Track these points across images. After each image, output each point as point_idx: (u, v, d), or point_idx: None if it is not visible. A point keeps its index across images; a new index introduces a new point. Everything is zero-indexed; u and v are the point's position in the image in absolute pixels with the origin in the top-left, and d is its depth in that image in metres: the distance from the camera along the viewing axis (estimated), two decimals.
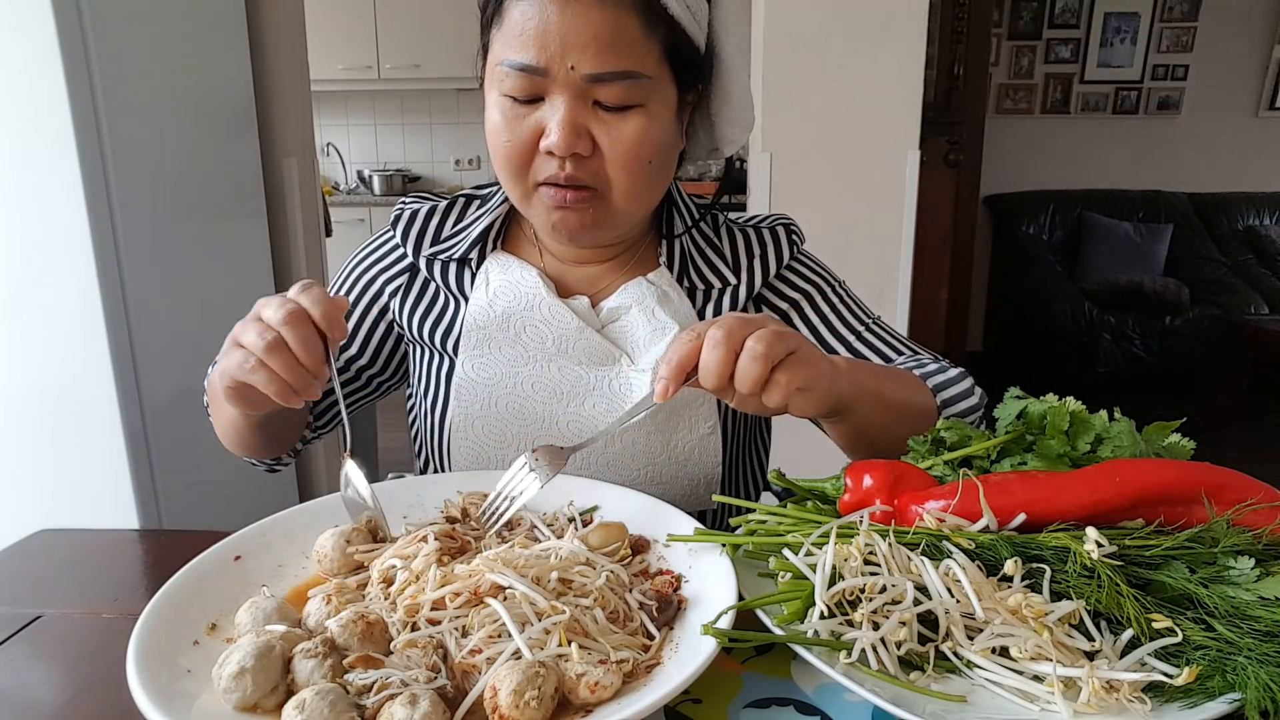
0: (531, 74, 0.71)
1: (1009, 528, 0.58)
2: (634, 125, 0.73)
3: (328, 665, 0.48)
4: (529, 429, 0.82)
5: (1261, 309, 4.07)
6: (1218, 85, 4.65)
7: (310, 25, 2.28)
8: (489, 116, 0.76)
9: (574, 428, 0.81)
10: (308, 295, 0.64)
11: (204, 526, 0.71)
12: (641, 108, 0.73)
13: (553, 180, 0.74)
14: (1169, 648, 0.50)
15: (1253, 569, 0.52)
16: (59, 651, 0.60)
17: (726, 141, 0.84)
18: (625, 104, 0.73)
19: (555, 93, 0.72)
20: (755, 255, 0.88)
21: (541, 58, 0.70)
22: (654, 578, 0.60)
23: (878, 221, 2.31)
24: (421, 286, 0.89)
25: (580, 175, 0.74)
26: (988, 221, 4.70)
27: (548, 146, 0.72)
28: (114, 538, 0.73)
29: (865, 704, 0.51)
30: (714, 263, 0.88)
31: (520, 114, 0.73)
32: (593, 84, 0.71)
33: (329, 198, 4.26)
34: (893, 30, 2.20)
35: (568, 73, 0.70)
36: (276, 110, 2.15)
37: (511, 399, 0.82)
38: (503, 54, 0.72)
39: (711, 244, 0.89)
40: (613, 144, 0.73)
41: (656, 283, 0.84)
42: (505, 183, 0.78)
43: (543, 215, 0.77)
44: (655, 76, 0.73)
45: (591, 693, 0.46)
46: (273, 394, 0.62)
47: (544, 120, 0.73)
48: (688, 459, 0.83)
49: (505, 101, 0.74)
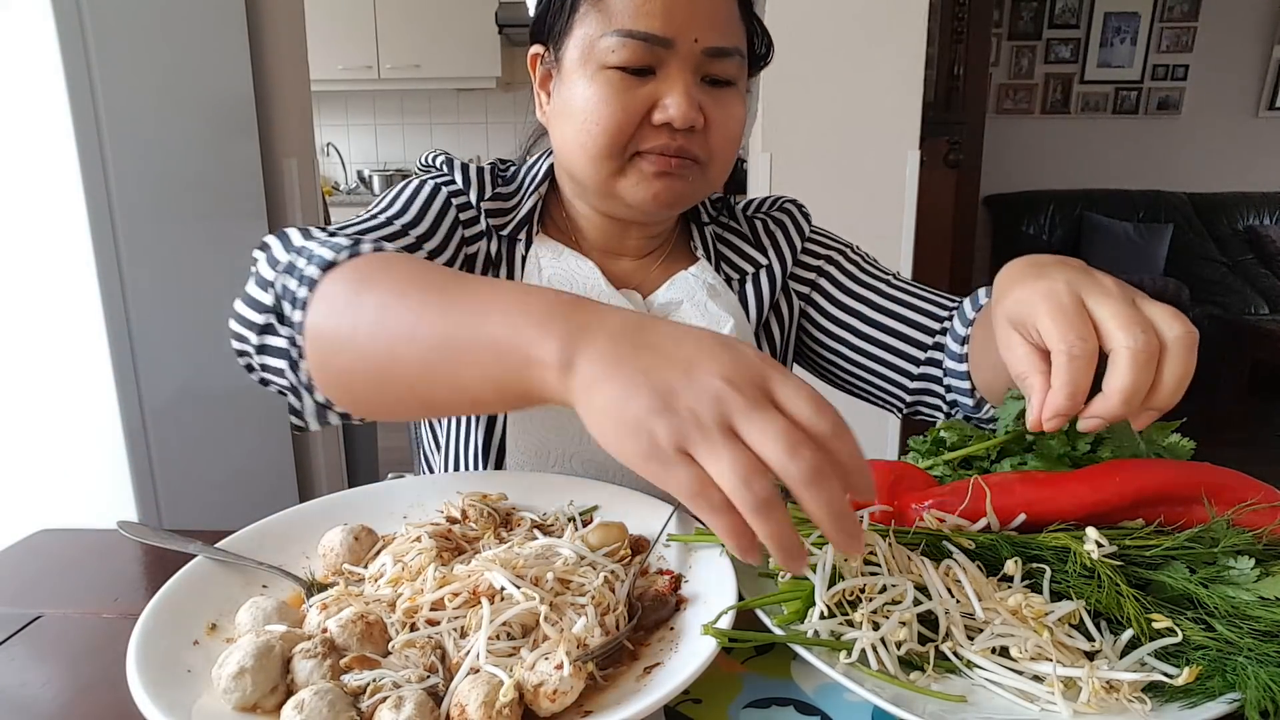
0: (653, 44, 0.71)
1: (1009, 528, 0.58)
2: (734, 101, 0.76)
3: (327, 665, 0.48)
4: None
5: (1261, 309, 4.07)
6: (1218, 85, 4.65)
7: (310, 25, 2.28)
8: (581, 93, 0.74)
9: None
10: (841, 440, 0.42)
11: (204, 526, 0.70)
12: (735, 86, 0.76)
13: (660, 150, 0.74)
14: (1169, 648, 0.50)
15: (1253, 569, 0.52)
16: (59, 651, 0.60)
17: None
18: (727, 80, 0.75)
19: (672, 65, 0.72)
20: (777, 235, 0.90)
21: (669, 28, 0.71)
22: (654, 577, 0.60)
23: (878, 221, 2.31)
24: (485, 257, 0.84)
25: (691, 146, 0.74)
26: (988, 221, 4.71)
27: (666, 119, 0.72)
28: (114, 538, 0.73)
29: (865, 704, 0.51)
30: (741, 248, 0.90)
31: (629, 86, 0.73)
32: (708, 58, 0.73)
33: (329, 198, 4.26)
34: (893, 30, 2.20)
35: (690, 45, 0.72)
36: (276, 110, 2.15)
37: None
38: (613, 25, 0.72)
39: (732, 230, 0.91)
40: (722, 119, 0.75)
41: (701, 276, 0.85)
42: (595, 158, 0.75)
43: (638, 186, 0.76)
44: (745, 58, 0.77)
45: (552, 701, 0.45)
46: (731, 543, 0.42)
47: (656, 93, 0.73)
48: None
49: (613, 74, 0.73)
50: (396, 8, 4.32)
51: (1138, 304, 0.49)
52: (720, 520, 0.41)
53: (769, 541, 0.41)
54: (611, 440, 0.44)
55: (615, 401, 0.43)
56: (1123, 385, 0.47)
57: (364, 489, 0.74)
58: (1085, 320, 0.48)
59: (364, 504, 0.71)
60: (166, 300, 1.75)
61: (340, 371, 0.57)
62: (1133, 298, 0.49)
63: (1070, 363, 0.48)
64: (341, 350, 0.56)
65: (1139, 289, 0.50)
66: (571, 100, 0.75)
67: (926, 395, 0.86)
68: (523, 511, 0.69)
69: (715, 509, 0.41)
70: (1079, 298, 0.49)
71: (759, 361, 0.44)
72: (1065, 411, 0.48)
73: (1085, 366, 0.48)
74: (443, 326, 0.51)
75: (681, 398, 0.42)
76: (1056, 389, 0.48)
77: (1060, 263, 0.54)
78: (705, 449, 0.41)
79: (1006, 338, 0.53)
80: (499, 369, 0.48)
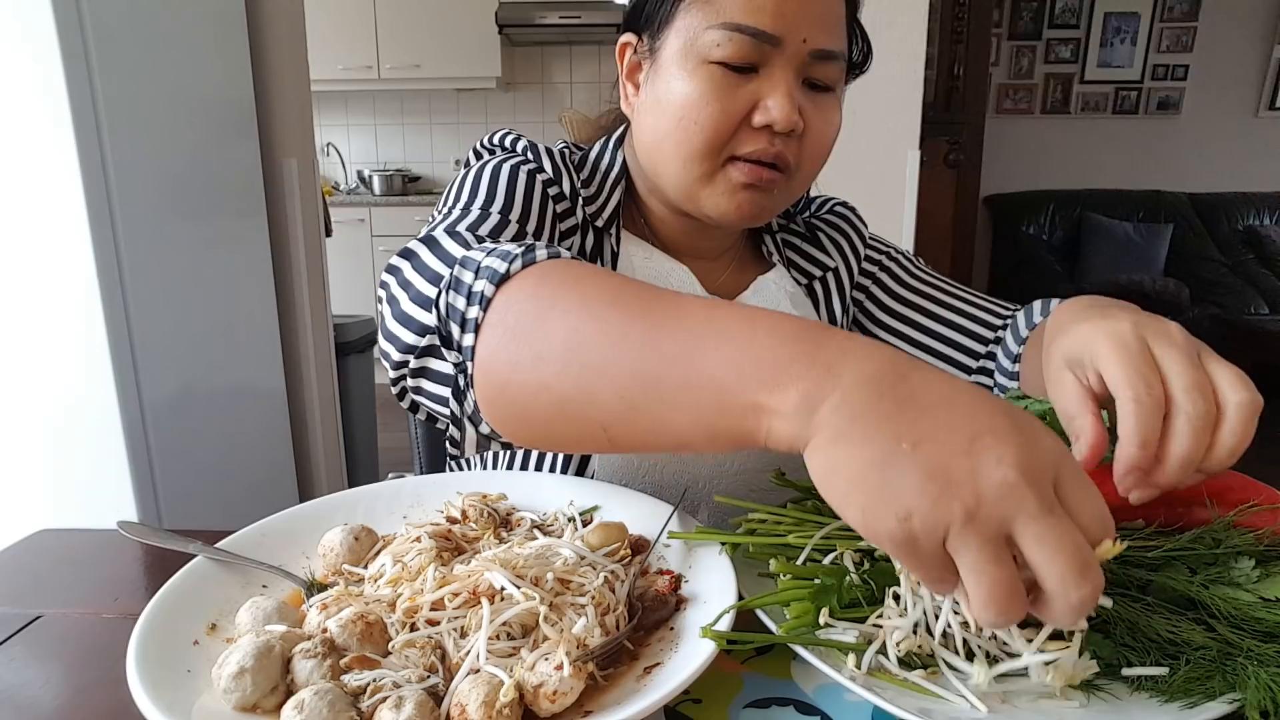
0: (762, 41, 0.68)
1: None
2: (834, 109, 0.73)
3: (327, 665, 0.48)
4: None
5: (1261, 309, 4.08)
6: (1218, 85, 4.65)
7: (310, 25, 2.28)
8: (679, 87, 0.70)
9: None
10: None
11: (204, 526, 0.70)
12: (834, 92, 0.73)
13: (757, 156, 0.70)
14: (1169, 649, 0.50)
15: (1253, 569, 0.52)
16: (59, 651, 0.60)
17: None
18: (829, 85, 0.72)
19: (777, 65, 0.69)
20: (839, 239, 0.90)
21: (779, 26, 0.68)
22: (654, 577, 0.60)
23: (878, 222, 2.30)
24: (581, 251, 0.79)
25: (788, 152, 0.71)
26: (988, 221, 4.71)
27: (768, 120, 0.69)
28: (114, 538, 0.73)
29: (865, 704, 0.51)
30: (806, 250, 0.89)
31: (734, 83, 0.69)
32: (815, 60, 0.70)
33: (329, 198, 4.26)
34: (893, 30, 2.20)
35: (799, 45, 0.68)
36: (276, 110, 2.15)
37: None
38: (720, 18, 0.68)
39: (794, 233, 0.90)
40: (820, 126, 0.72)
41: (780, 283, 0.84)
42: (689, 158, 0.72)
43: (724, 195, 0.73)
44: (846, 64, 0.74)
45: (552, 702, 0.45)
46: (987, 614, 0.35)
47: (758, 93, 0.69)
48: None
49: (715, 70, 0.69)
50: (396, 8, 4.32)
51: (1203, 361, 0.46)
52: (977, 617, 0.36)
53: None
54: (856, 513, 0.37)
55: (871, 468, 0.36)
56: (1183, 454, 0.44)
57: (364, 489, 0.73)
58: (1153, 366, 0.45)
59: (364, 504, 0.70)
60: (166, 300, 1.75)
61: (518, 405, 0.51)
62: (1198, 351, 0.47)
63: (1139, 409, 0.44)
64: (523, 384, 0.49)
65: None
66: (667, 95, 0.72)
67: None
68: (523, 511, 0.69)
69: (950, 592, 0.37)
70: (1145, 342, 0.46)
71: (1056, 449, 0.37)
72: (1140, 464, 0.44)
73: (1154, 413, 0.44)
74: (650, 361, 0.44)
75: (960, 486, 0.35)
76: (1126, 440, 0.44)
77: (1124, 305, 0.52)
78: (971, 556, 0.35)
79: (1059, 375, 0.50)
80: (716, 413, 0.42)
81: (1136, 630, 0.50)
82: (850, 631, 0.51)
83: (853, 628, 0.52)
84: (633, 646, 0.53)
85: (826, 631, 0.52)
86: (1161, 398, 0.44)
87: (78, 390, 1.64)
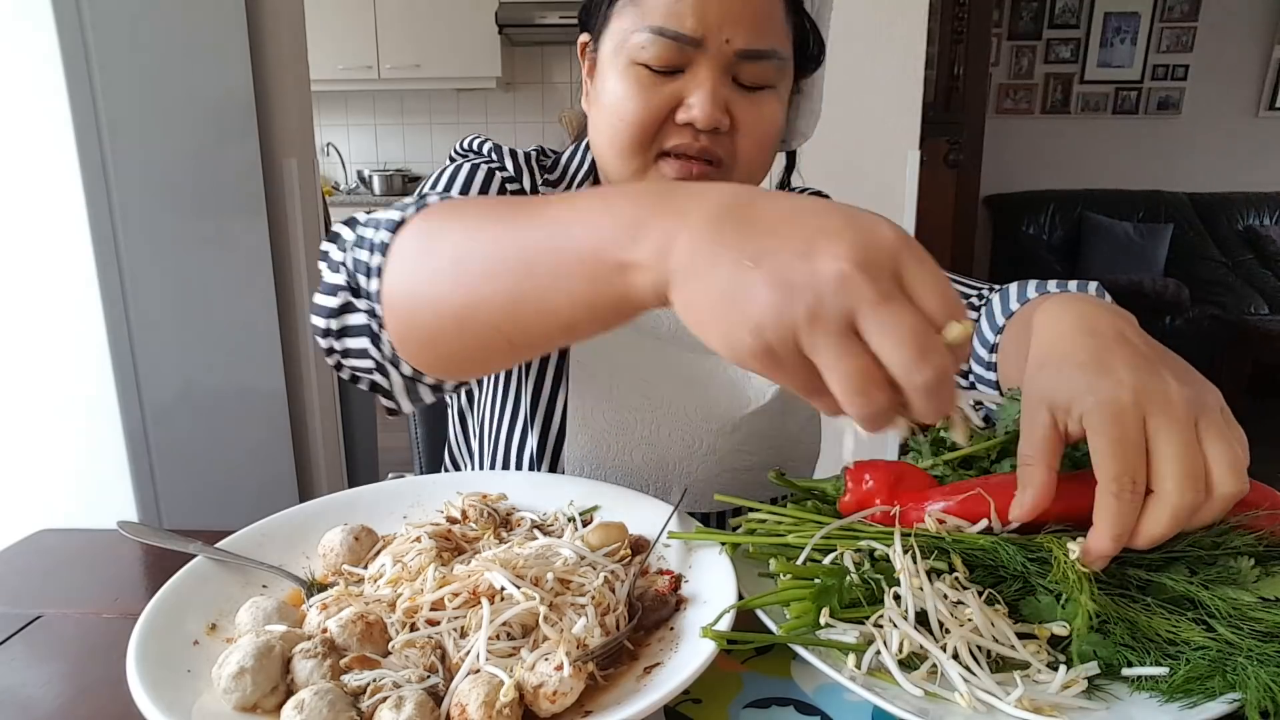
0: (682, 43, 0.70)
1: (1010, 529, 0.58)
2: (768, 106, 0.74)
3: (327, 665, 0.48)
4: (655, 415, 0.78)
5: (1261, 309, 4.07)
6: (1218, 85, 4.65)
7: (310, 25, 2.28)
8: (611, 87, 0.74)
9: (702, 414, 0.79)
10: (967, 343, 0.39)
11: (204, 526, 0.70)
12: (773, 90, 0.74)
13: (682, 151, 0.72)
14: (1168, 649, 0.50)
15: (1253, 569, 0.52)
16: (59, 651, 0.60)
17: (797, 134, 0.86)
18: (761, 84, 0.73)
19: (701, 65, 0.71)
20: None
21: (699, 28, 0.69)
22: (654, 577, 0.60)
23: None
24: None
25: (714, 149, 0.73)
26: (988, 221, 4.71)
27: (689, 119, 0.71)
28: (114, 538, 0.73)
29: (865, 704, 0.51)
30: None
31: (656, 83, 0.72)
32: (741, 60, 0.71)
33: (329, 198, 4.26)
34: (893, 30, 2.20)
35: (721, 46, 0.70)
36: (276, 110, 2.15)
37: (634, 384, 0.79)
38: (645, 21, 0.71)
39: None
40: (751, 122, 0.73)
41: None
42: (621, 154, 0.75)
43: None
44: (788, 60, 0.74)
45: (552, 702, 0.46)
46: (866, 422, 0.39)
47: (682, 92, 0.71)
48: (799, 440, 0.83)
49: (640, 70, 0.72)
50: (396, 8, 4.32)
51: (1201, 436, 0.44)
52: (845, 410, 0.38)
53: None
54: (718, 339, 0.38)
55: (721, 294, 0.38)
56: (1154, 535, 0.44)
57: (364, 489, 0.73)
58: (1142, 455, 0.44)
59: (364, 504, 0.71)
60: (166, 300, 1.75)
61: (422, 329, 0.53)
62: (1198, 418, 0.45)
63: (1119, 506, 0.43)
64: (421, 305, 0.52)
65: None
66: (604, 93, 0.75)
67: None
68: (523, 511, 0.69)
69: (835, 408, 0.38)
70: (1143, 419, 0.44)
71: (893, 237, 0.38)
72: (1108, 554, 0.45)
73: (1134, 511, 0.44)
74: (522, 253, 0.46)
75: (800, 289, 0.36)
76: (1101, 530, 0.44)
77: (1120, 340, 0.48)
78: (823, 354, 0.36)
79: (1035, 411, 0.48)
80: (589, 284, 0.43)
81: (1136, 630, 0.50)
82: (850, 631, 0.51)
83: (853, 628, 0.52)
84: (633, 646, 0.53)
85: (826, 631, 0.52)
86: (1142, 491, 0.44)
87: (78, 390, 1.64)
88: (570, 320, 0.46)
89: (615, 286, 0.42)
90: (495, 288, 0.48)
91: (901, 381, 0.37)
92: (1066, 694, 0.48)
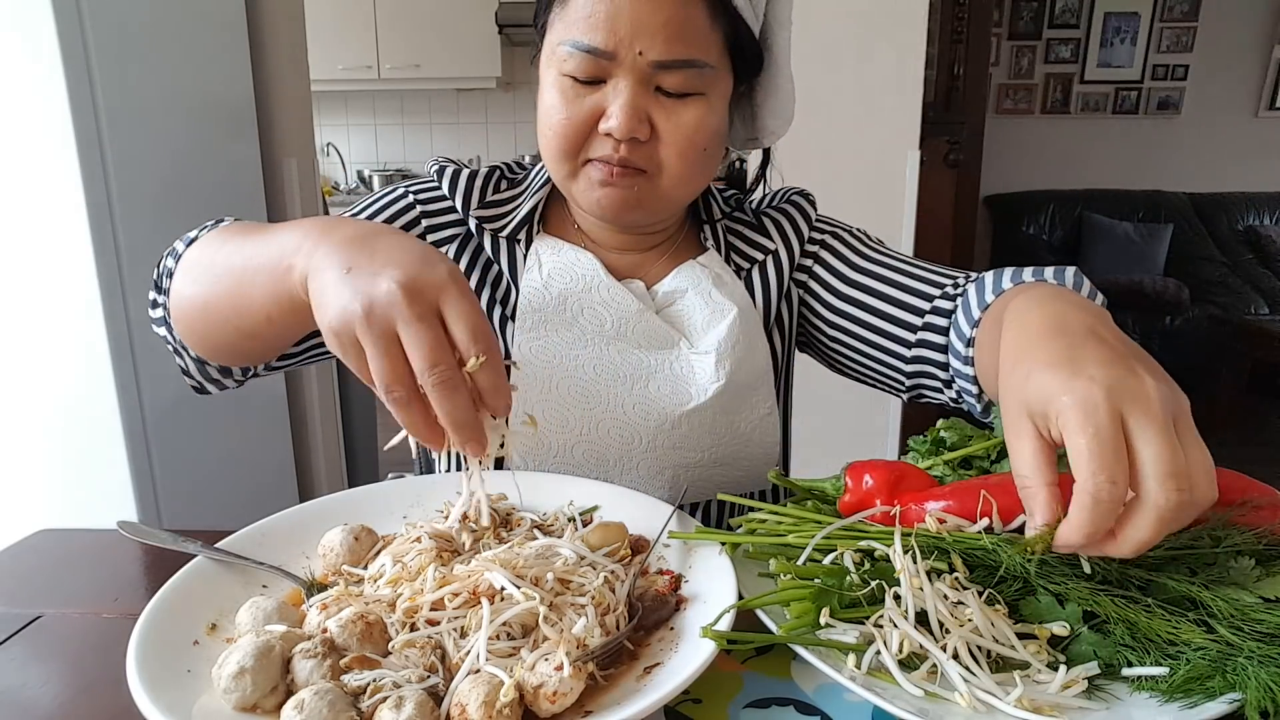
0: (597, 57, 0.71)
1: (1010, 528, 0.58)
2: (693, 113, 0.74)
3: (327, 665, 0.48)
4: (593, 413, 0.80)
5: (1261, 309, 4.07)
6: (1218, 85, 4.65)
7: (310, 25, 2.28)
8: (544, 94, 0.76)
9: (640, 411, 0.80)
10: (486, 370, 0.51)
11: (204, 526, 0.70)
12: (701, 96, 0.75)
13: (604, 159, 0.75)
14: (1168, 649, 0.50)
15: (1253, 568, 0.52)
16: (59, 651, 0.60)
17: (768, 132, 0.86)
18: (686, 92, 0.74)
19: (619, 76, 0.72)
20: (783, 223, 0.90)
21: (610, 41, 0.71)
22: (654, 577, 0.60)
23: (878, 221, 2.30)
24: (473, 255, 0.86)
25: (634, 159, 0.74)
26: (988, 221, 4.71)
27: (607, 129, 0.73)
28: (114, 538, 0.73)
29: (865, 704, 0.51)
30: (750, 238, 0.90)
31: (580, 94, 0.74)
32: (658, 71, 0.72)
33: (329, 198, 4.26)
34: (893, 30, 2.20)
35: (635, 58, 0.71)
36: (276, 110, 2.15)
37: (573, 382, 0.81)
38: (567, 34, 0.72)
39: (743, 223, 0.91)
40: (671, 131, 0.74)
41: (709, 265, 0.86)
42: (552, 160, 0.78)
43: (587, 192, 0.77)
44: (717, 66, 0.74)
45: (552, 703, 0.46)
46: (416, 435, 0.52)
47: (603, 102, 0.73)
48: (749, 439, 0.83)
49: (565, 81, 0.74)
50: (396, 8, 4.32)
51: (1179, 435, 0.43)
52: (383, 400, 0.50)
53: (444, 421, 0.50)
54: (318, 319, 0.52)
55: (322, 290, 0.52)
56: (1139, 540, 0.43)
57: (364, 489, 0.74)
58: (1122, 456, 0.43)
59: (364, 504, 0.71)
60: None
61: (187, 321, 0.69)
62: (1174, 417, 0.44)
63: (1095, 507, 0.42)
64: (184, 301, 0.68)
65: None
66: (539, 101, 0.78)
67: (925, 378, 0.83)
68: (523, 512, 0.69)
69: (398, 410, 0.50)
70: (1119, 418, 0.43)
71: (447, 278, 0.51)
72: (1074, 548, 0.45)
73: (1112, 513, 0.43)
74: (243, 262, 0.61)
75: (362, 294, 0.49)
76: (1074, 526, 0.43)
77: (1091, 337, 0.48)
78: (368, 348, 0.49)
79: (1018, 423, 0.47)
80: (271, 279, 0.58)
81: (1136, 630, 0.50)
82: (850, 631, 0.51)
83: (853, 628, 0.52)
84: (633, 646, 0.53)
85: (826, 631, 0.52)
86: (1123, 493, 0.42)
87: (78, 391, 1.64)
88: (267, 311, 0.60)
89: (284, 281, 0.56)
90: (224, 287, 0.63)
91: (420, 382, 0.49)
92: (1066, 694, 0.48)
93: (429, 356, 0.48)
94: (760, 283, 0.88)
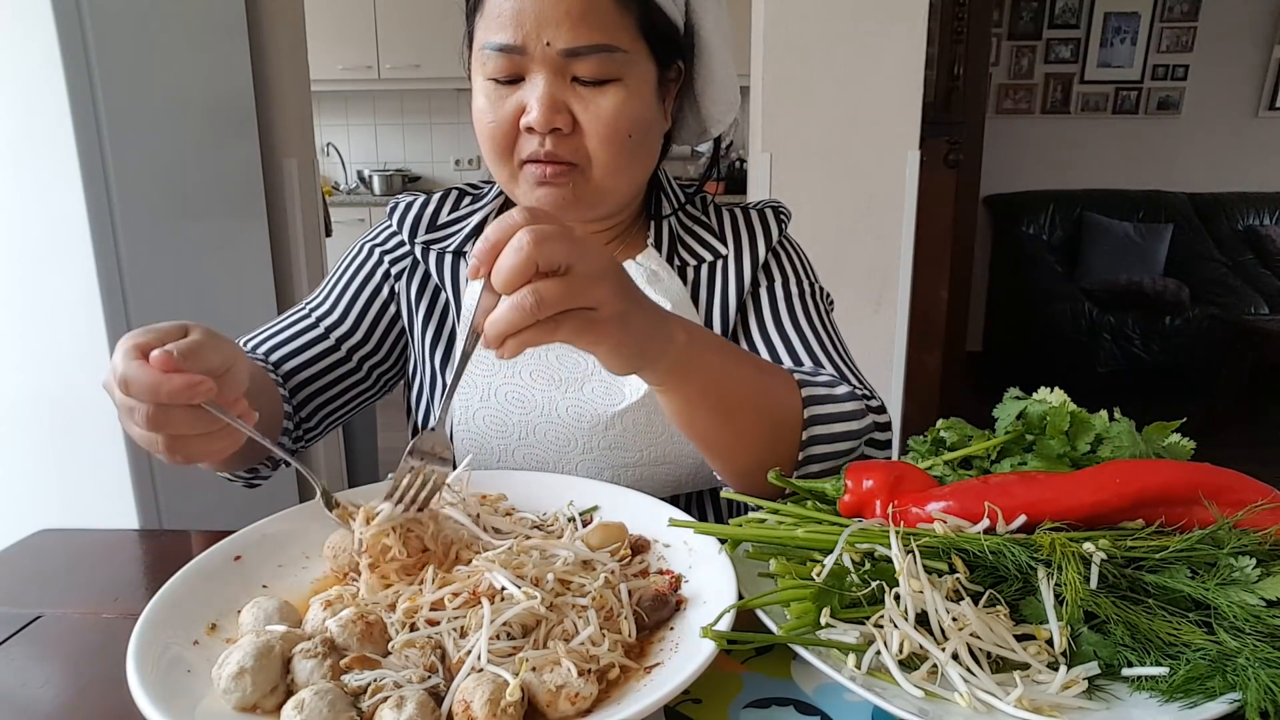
0: (510, 53, 0.73)
1: (1010, 529, 0.58)
2: (611, 99, 0.75)
3: (327, 665, 0.48)
4: (529, 417, 0.83)
5: (1261, 309, 4.07)
6: (1218, 85, 4.65)
7: (310, 25, 2.28)
8: (474, 101, 0.78)
9: (574, 413, 0.82)
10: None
11: (204, 526, 0.70)
12: (619, 82, 0.75)
13: (534, 157, 0.76)
14: (1168, 649, 0.50)
15: (1254, 569, 0.52)
16: (59, 651, 0.60)
17: (714, 121, 0.86)
18: (602, 78, 0.74)
19: (534, 70, 0.74)
20: (743, 232, 0.89)
21: (518, 36, 0.72)
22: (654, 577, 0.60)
23: (878, 221, 2.31)
24: (422, 279, 0.90)
25: (560, 151, 0.75)
26: (988, 221, 4.70)
27: (528, 123, 0.74)
28: (114, 538, 0.73)
29: (865, 704, 0.51)
30: (703, 238, 0.89)
31: (503, 95, 0.75)
32: (569, 59, 0.73)
33: (329, 198, 4.25)
34: (893, 30, 2.20)
35: (544, 49, 0.72)
36: (276, 110, 2.15)
37: (510, 389, 0.83)
38: (484, 37, 0.75)
39: (699, 222, 0.91)
40: (591, 119, 0.75)
41: (644, 263, 0.85)
42: (492, 165, 0.79)
43: (527, 194, 0.79)
44: (631, 51, 0.74)
45: (573, 704, 0.46)
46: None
47: (524, 99, 0.75)
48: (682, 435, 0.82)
49: (489, 85, 0.76)
50: (396, 8, 4.32)
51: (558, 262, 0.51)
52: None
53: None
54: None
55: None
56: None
57: (364, 489, 0.74)
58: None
59: (364, 504, 0.70)
60: (166, 300, 1.75)
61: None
62: (581, 306, 0.53)
63: (516, 309, 0.50)
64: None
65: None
66: (472, 108, 0.79)
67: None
68: (523, 512, 0.69)
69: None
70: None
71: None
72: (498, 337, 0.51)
73: (525, 318, 0.51)
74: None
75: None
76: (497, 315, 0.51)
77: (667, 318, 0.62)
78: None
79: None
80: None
81: (1136, 631, 0.50)
82: (850, 631, 0.51)
83: (853, 628, 0.52)
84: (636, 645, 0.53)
85: (827, 631, 0.52)
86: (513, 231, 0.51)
87: (78, 390, 1.64)
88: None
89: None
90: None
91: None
92: (1066, 694, 0.48)
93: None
94: (705, 283, 0.87)
